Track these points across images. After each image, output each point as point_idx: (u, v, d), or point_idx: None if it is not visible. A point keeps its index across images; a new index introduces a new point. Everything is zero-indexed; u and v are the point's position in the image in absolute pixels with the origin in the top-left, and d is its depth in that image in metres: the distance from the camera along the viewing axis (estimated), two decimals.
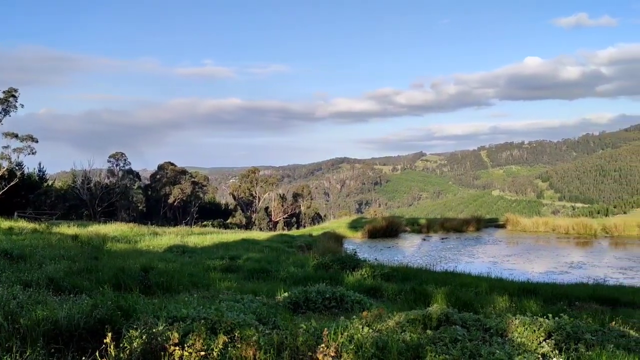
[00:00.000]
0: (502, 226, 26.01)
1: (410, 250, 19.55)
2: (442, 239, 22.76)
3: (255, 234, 23.73)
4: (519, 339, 4.85)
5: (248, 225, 57.95)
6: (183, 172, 60.03)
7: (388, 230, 23.98)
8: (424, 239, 22.77)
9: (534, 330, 5.01)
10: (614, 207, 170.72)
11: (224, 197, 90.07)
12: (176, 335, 4.40)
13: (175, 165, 60.13)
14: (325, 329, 4.67)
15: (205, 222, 46.18)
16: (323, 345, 4.48)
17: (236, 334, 4.90)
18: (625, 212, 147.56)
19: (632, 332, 5.12)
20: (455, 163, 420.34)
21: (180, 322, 4.94)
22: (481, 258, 17.24)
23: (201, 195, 60.45)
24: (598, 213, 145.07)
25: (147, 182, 61.48)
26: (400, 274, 10.29)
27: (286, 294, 7.25)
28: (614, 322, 5.56)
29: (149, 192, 59.22)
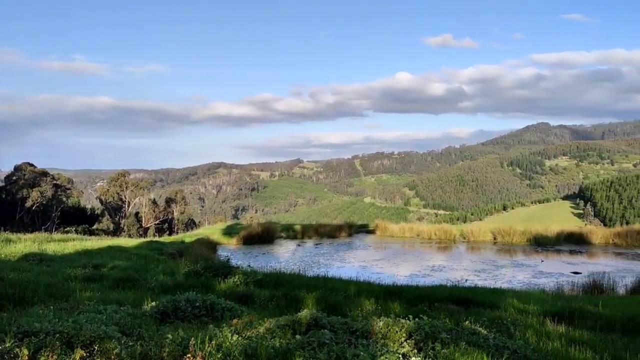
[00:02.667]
0: (372, 232, 27.14)
1: (285, 256, 19.71)
2: (316, 244, 23.24)
3: (124, 241, 22.50)
4: (382, 340, 5.07)
5: (116, 231, 54.83)
6: (44, 173, 55.27)
7: (263, 237, 23.99)
8: (299, 245, 23.09)
9: (397, 331, 5.27)
10: (471, 214, 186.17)
11: (91, 202, 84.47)
12: (26, 351, 4.03)
13: (35, 167, 55.21)
14: (193, 338, 4.54)
15: (68, 228, 42.97)
16: (189, 355, 4.34)
17: (96, 348, 4.60)
18: (481, 219, 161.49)
19: (482, 330, 5.58)
20: (331, 171, 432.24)
21: (32, 337, 4.52)
22: (352, 263, 17.85)
23: (64, 199, 56.09)
24: (457, 220, 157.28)
25: (2, 184, 55.80)
26: (273, 280, 10.32)
27: (154, 304, 6.94)
28: (467, 321, 6.01)
29: (3, 195, 53.72)
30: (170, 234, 50.70)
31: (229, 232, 25.64)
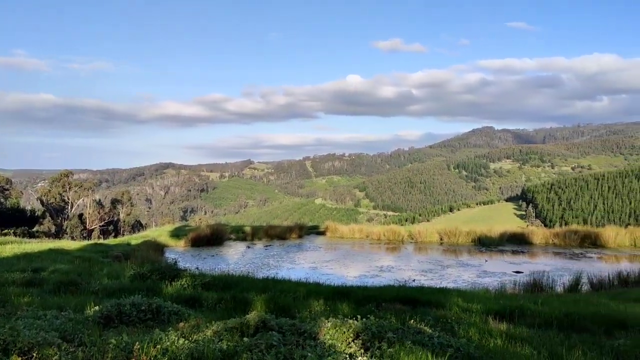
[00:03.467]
0: (323, 233, 27.25)
1: (234, 258, 19.53)
2: (266, 246, 23.14)
3: (66, 243, 21.73)
4: (330, 341, 5.11)
5: (58, 233, 52.86)
6: None
7: (212, 238, 23.67)
8: (249, 247, 22.93)
9: (344, 332, 5.33)
10: (419, 216, 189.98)
11: (31, 203, 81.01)
12: None
13: None
14: (137, 342, 4.44)
15: (5, 231, 41.03)
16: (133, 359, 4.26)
17: (34, 355, 4.43)
18: (428, 220, 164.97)
19: (426, 329, 5.71)
20: (282, 172, 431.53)
21: None
22: (302, 264, 17.87)
23: (2, 200, 53.65)
24: (406, 221, 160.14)
25: None
26: (222, 283, 10.21)
27: (97, 308, 6.74)
28: (412, 320, 6.14)
29: None
30: (115, 236, 49.29)
31: (177, 234, 25.17)
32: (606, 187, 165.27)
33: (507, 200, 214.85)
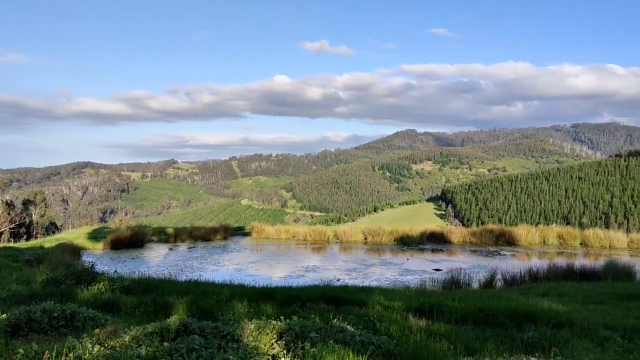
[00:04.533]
0: (249, 234, 27.02)
1: (156, 261, 18.96)
2: (190, 248, 22.64)
3: None
4: (253, 343, 5.08)
5: None
6: None
7: (133, 241, 22.85)
8: (171, 249, 22.34)
9: (268, 333, 5.31)
10: (345, 216, 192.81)
11: None
12: None
13: None
14: (48, 351, 4.21)
15: None
16: None
17: None
18: (353, 220, 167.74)
19: (349, 327, 5.80)
20: (207, 172, 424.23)
21: None
22: (227, 266, 17.63)
23: None
24: (332, 221, 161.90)
25: None
26: (142, 286, 9.88)
27: (4, 316, 6.32)
28: (335, 320, 6.22)
29: None
30: (28, 239, 46.47)
31: (95, 236, 24.10)
32: (519, 188, 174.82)
33: (428, 200, 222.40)
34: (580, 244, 24.07)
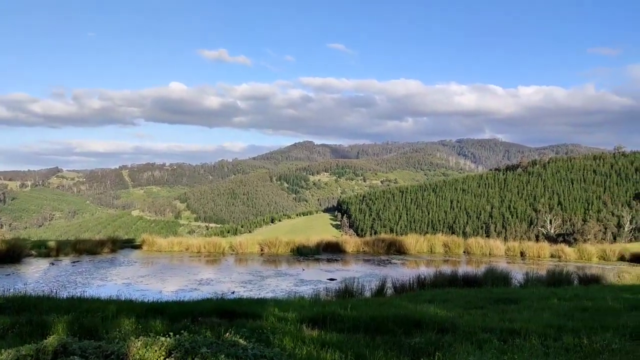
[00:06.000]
0: (139, 247, 25.86)
1: (35, 277, 17.53)
2: (74, 262, 21.21)
3: None
4: None
5: None
6: None
7: (9, 255, 20.96)
8: (52, 264, 20.77)
9: (156, 350, 5.08)
10: (242, 227, 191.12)
11: None
12: None
13: None
14: None
15: None
16: None
17: None
18: (250, 231, 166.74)
19: (241, 341, 5.70)
20: (95, 181, 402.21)
21: None
22: (114, 280, 16.73)
23: None
24: (228, 232, 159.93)
25: None
26: (17, 305, 9.07)
27: None
28: (228, 334, 6.09)
29: None
30: None
31: None
32: (409, 199, 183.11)
33: (325, 211, 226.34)
34: (464, 251, 25.66)
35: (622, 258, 24.67)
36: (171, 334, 5.70)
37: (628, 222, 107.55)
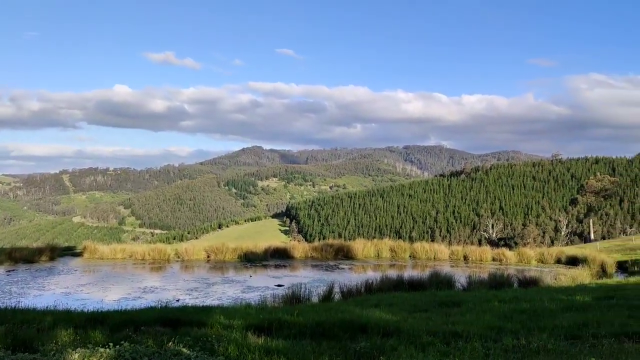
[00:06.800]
0: (80, 254, 24.97)
1: None
2: (9, 271, 20.24)
3: None
4: None
5: None
6: None
7: None
8: None
9: None
10: (188, 233, 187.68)
11: None
12: None
13: None
14: None
15: None
16: None
17: None
18: (197, 238, 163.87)
19: (184, 350, 5.60)
20: (33, 186, 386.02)
21: None
22: (53, 290, 16.07)
23: None
24: (174, 239, 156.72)
25: None
26: None
27: None
28: (171, 343, 5.96)
29: None
30: None
31: None
32: (357, 205, 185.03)
33: (273, 216, 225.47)
34: (410, 256, 26.15)
35: (559, 261, 25.77)
36: (111, 344, 5.53)
37: (565, 227, 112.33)
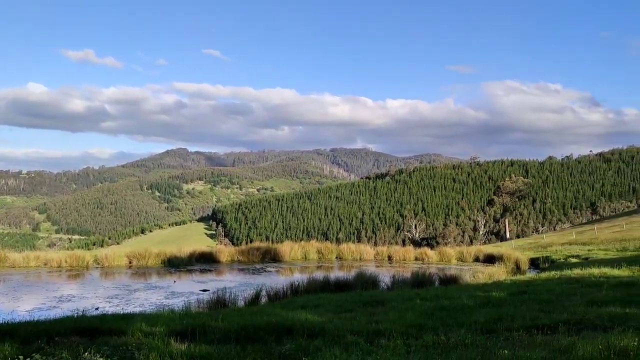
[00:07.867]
0: None
1: None
2: None
3: None
4: None
5: None
6: None
7: None
8: None
9: None
10: (109, 239, 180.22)
11: None
12: None
13: None
14: None
15: None
16: None
17: None
18: (118, 243, 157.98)
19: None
20: None
21: None
22: None
23: None
24: (94, 245, 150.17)
25: None
26: None
27: None
28: (87, 353, 5.71)
29: None
30: None
31: None
32: (285, 207, 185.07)
33: (199, 220, 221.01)
34: (337, 257, 26.49)
35: (477, 259, 26.99)
36: (21, 357, 5.22)
37: (482, 226, 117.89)
